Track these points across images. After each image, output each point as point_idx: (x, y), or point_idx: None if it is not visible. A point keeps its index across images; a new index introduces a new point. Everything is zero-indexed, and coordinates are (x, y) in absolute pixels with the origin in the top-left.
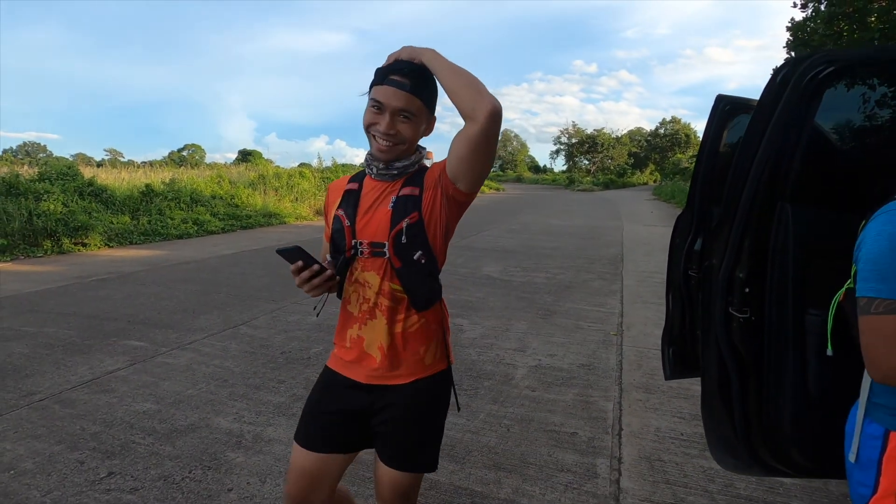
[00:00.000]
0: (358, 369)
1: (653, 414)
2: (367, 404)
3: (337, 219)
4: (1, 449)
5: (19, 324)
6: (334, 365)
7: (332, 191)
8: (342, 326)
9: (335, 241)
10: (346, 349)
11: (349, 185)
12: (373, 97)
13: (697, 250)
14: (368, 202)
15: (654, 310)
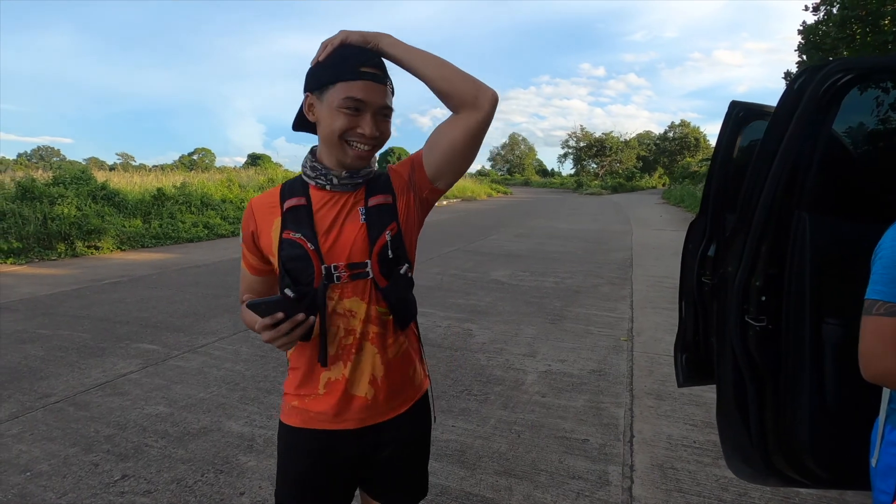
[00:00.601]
0: (343, 416)
1: (665, 421)
2: (357, 453)
3: (292, 243)
4: (17, 451)
5: (34, 326)
6: (302, 421)
7: (258, 210)
8: (307, 371)
9: (292, 272)
10: (318, 397)
11: (289, 201)
12: (349, 96)
13: (711, 256)
14: (328, 219)
15: (664, 315)
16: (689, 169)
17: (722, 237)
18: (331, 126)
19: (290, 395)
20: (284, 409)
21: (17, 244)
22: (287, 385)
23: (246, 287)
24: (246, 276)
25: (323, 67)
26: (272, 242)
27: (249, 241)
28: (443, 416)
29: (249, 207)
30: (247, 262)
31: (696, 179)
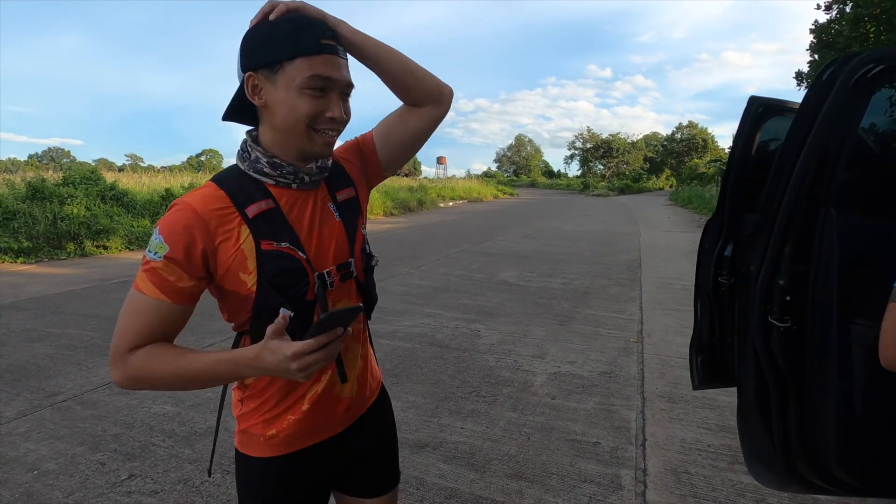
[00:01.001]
0: (331, 424)
1: (678, 424)
2: (337, 455)
3: (279, 255)
4: (25, 449)
5: (43, 325)
6: (284, 448)
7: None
8: (284, 392)
9: (283, 286)
10: (303, 414)
11: (251, 206)
12: (315, 74)
13: (728, 256)
14: (304, 221)
15: (674, 317)
16: (697, 170)
17: (739, 236)
18: (293, 111)
19: (258, 424)
20: (250, 441)
21: (27, 243)
22: (249, 416)
23: (148, 324)
24: (151, 309)
25: (272, 40)
26: (246, 258)
27: (189, 258)
28: (451, 418)
29: (191, 219)
30: (166, 286)
31: (704, 181)
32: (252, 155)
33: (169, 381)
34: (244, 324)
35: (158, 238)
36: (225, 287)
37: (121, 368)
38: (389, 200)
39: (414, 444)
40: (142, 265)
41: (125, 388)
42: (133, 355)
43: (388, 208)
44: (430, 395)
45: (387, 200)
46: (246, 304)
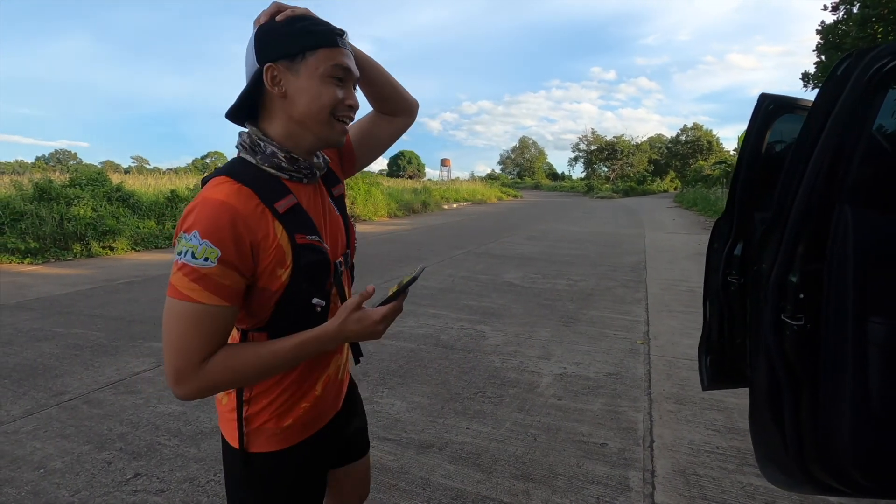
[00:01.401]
0: (335, 404)
1: (685, 426)
2: (339, 431)
3: (312, 248)
4: (31, 448)
5: (50, 325)
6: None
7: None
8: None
9: (314, 278)
10: (315, 400)
11: (280, 202)
12: (338, 64)
13: (738, 256)
14: (318, 215)
15: (681, 319)
16: (702, 172)
17: (749, 236)
18: (318, 98)
19: (271, 419)
20: (263, 437)
21: (34, 244)
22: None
23: (209, 333)
24: (213, 316)
25: (292, 34)
26: (284, 252)
27: (242, 256)
28: (457, 418)
29: (234, 217)
30: (225, 291)
31: (709, 183)
32: (267, 149)
33: (251, 377)
34: (262, 320)
35: (203, 243)
36: (258, 284)
37: (194, 382)
38: (393, 202)
39: (420, 445)
40: (184, 274)
41: (195, 398)
42: (207, 366)
43: (393, 210)
44: (436, 395)
45: (391, 202)
46: (271, 299)
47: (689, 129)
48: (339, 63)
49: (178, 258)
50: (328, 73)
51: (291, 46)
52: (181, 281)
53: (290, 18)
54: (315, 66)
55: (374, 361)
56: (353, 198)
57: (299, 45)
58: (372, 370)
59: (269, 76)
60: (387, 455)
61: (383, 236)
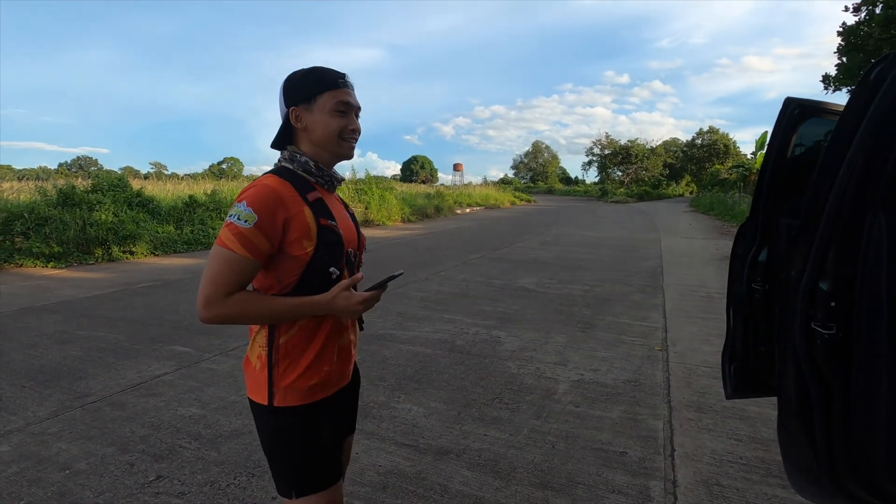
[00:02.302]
0: (345, 374)
1: (707, 435)
2: (349, 399)
3: (330, 229)
4: (57, 449)
5: (73, 327)
6: (314, 395)
7: (287, 200)
8: (322, 347)
9: (332, 253)
10: (334, 365)
11: (310, 194)
12: (341, 100)
13: (763, 262)
14: (336, 212)
15: (700, 325)
16: (719, 176)
17: (775, 241)
18: (328, 127)
19: (300, 378)
20: (293, 394)
21: (57, 248)
22: (288, 373)
23: (235, 276)
24: (240, 263)
25: (306, 83)
26: (311, 228)
27: (273, 226)
28: (474, 425)
29: (276, 196)
30: (253, 248)
31: (726, 187)
32: (301, 159)
33: (261, 318)
34: (289, 284)
35: (248, 209)
36: (287, 251)
37: (218, 308)
38: (407, 207)
39: (437, 451)
40: (229, 230)
41: (215, 323)
42: (231, 299)
43: (406, 215)
44: (452, 401)
45: (404, 207)
46: (298, 266)
47: (704, 133)
48: (341, 100)
49: (228, 218)
50: (334, 108)
51: (308, 92)
52: (225, 233)
53: (305, 71)
54: (324, 105)
55: (390, 366)
56: (367, 203)
57: (312, 91)
58: (388, 375)
59: (294, 116)
60: (404, 461)
61: (397, 241)
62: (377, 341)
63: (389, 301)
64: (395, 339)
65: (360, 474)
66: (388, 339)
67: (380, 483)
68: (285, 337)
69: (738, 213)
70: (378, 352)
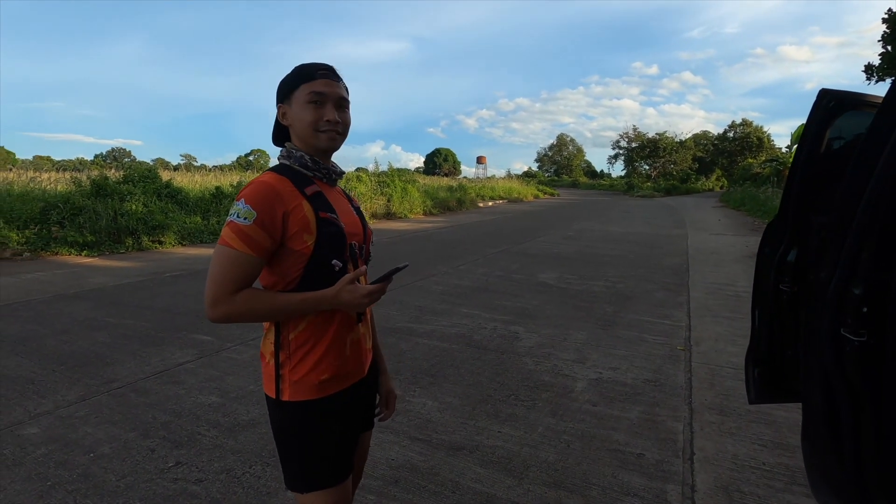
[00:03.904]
0: (360, 369)
1: (729, 439)
2: (364, 394)
3: (329, 222)
4: (83, 432)
5: (103, 315)
6: (325, 390)
7: (283, 194)
8: (333, 340)
9: (333, 245)
10: (346, 359)
11: (309, 188)
12: (312, 91)
13: (791, 262)
14: (337, 205)
15: (725, 325)
16: (751, 170)
17: (805, 240)
18: (303, 120)
19: (311, 372)
20: (304, 388)
21: (90, 237)
22: (299, 367)
23: (239, 273)
24: (243, 261)
25: (288, 80)
26: (310, 221)
27: (272, 222)
28: (489, 421)
29: (272, 192)
30: (254, 244)
31: (758, 182)
32: (297, 154)
33: (268, 314)
34: (293, 280)
35: (246, 207)
36: (289, 246)
37: (225, 306)
38: (429, 200)
39: (450, 447)
40: (230, 228)
41: (223, 321)
42: (237, 296)
43: (428, 207)
44: (468, 396)
45: (426, 200)
46: (300, 261)
47: (737, 126)
48: (314, 90)
49: (229, 217)
50: (307, 100)
51: (287, 89)
52: (226, 232)
53: (292, 70)
54: (299, 98)
55: (406, 360)
56: (389, 195)
57: (290, 86)
58: (404, 368)
59: (281, 113)
60: (417, 455)
61: (418, 234)
62: (395, 334)
63: (409, 294)
64: (413, 333)
65: (372, 468)
66: (405, 332)
67: (392, 477)
68: (294, 333)
69: (771, 210)
70: (395, 345)
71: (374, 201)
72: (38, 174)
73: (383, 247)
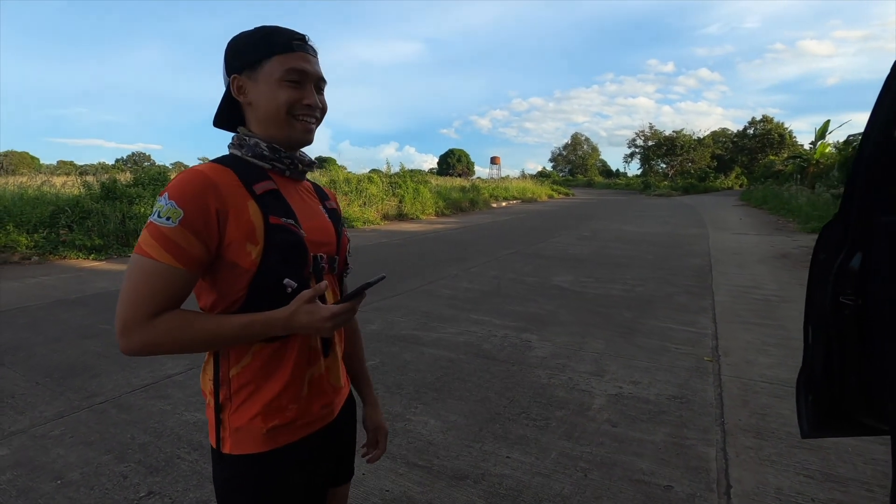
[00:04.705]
0: (326, 413)
1: (770, 468)
2: (334, 444)
3: (283, 228)
4: (55, 455)
5: (99, 321)
6: (276, 440)
7: (224, 188)
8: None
9: (287, 259)
10: (303, 400)
11: (259, 184)
12: (291, 67)
13: (855, 269)
14: (298, 206)
15: (755, 332)
16: (773, 168)
17: (870, 244)
18: (275, 101)
19: (257, 417)
20: (248, 438)
21: (98, 241)
22: (244, 411)
23: (160, 291)
24: (165, 274)
25: (250, 47)
26: (255, 227)
27: (205, 223)
28: (496, 444)
29: (206, 185)
30: (180, 252)
31: (780, 179)
32: (251, 141)
33: (200, 343)
34: (236, 301)
35: (169, 203)
36: (226, 258)
37: (141, 335)
38: (441, 200)
39: (453, 475)
40: (148, 232)
41: (139, 354)
42: (157, 321)
43: (440, 208)
44: (474, 414)
45: (438, 200)
46: (243, 278)
47: (757, 122)
48: (293, 66)
49: (150, 217)
50: (283, 78)
51: (251, 57)
52: (144, 237)
53: (252, 30)
54: (270, 73)
55: (409, 372)
56: (401, 196)
57: (256, 55)
58: (406, 382)
59: (236, 86)
60: (415, 486)
61: (429, 235)
62: (398, 343)
63: (415, 299)
64: (418, 342)
65: (363, 499)
66: (410, 340)
67: None
68: (236, 367)
69: (795, 208)
70: (398, 355)
71: (386, 202)
72: (50, 178)
73: (392, 249)
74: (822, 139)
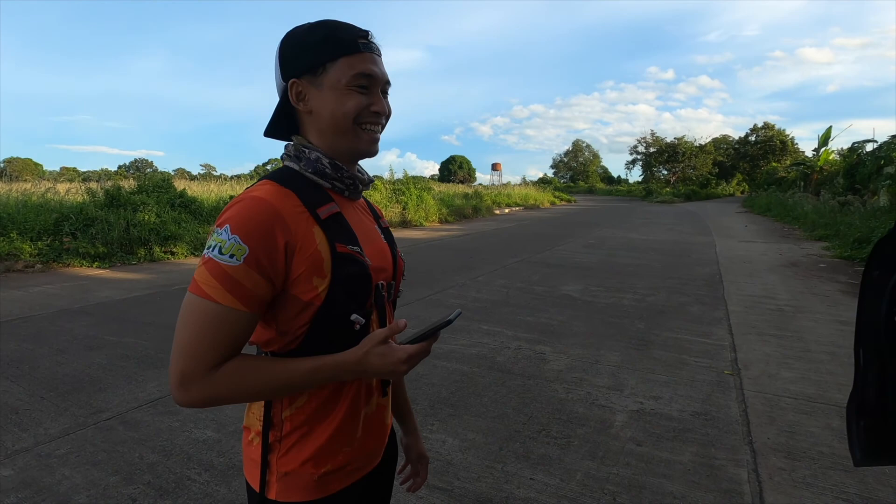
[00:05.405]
0: (376, 453)
1: (805, 492)
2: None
3: (352, 259)
4: (60, 475)
5: (104, 332)
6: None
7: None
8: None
9: (354, 292)
10: (357, 443)
11: (322, 207)
12: (360, 72)
13: None
14: (361, 231)
15: (773, 344)
16: (776, 175)
17: None
18: (342, 108)
19: (308, 463)
20: (298, 484)
21: (102, 249)
22: (295, 455)
23: (222, 337)
24: (229, 319)
25: (311, 47)
26: (322, 259)
27: (272, 260)
28: (518, 464)
29: (272, 215)
30: (245, 294)
31: (783, 186)
32: (312, 155)
33: (262, 395)
34: (295, 339)
35: (233, 238)
36: (291, 292)
37: (202, 388)
38: (444, 207)
39: (476, 498)
40: (207, 269)
41: (197, 406)
42: (219, 372)
43: (444, 215)
44: (493, 432)
45: (442, 207)
46: (306, 314)
47: (759, 129)
48: (361, 71)
49: (206, 252)
50: (351, 83)
51: (314, 60)
52: (203, 276)
53: (310, 26)
54: (337, 78)
55: (423, 386)
56: (404, 203)
57: (320, 57)
58: (420, 397)
59: (294, 92)
60: None
61: (434, 242)
62: None
63: (425, 308)
64: (430, 354)
65: None
66: None
67: None
68: (290, 409)
69: (801, 215)
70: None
71: (390, 209)
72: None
73: None
74: (825, 146)
